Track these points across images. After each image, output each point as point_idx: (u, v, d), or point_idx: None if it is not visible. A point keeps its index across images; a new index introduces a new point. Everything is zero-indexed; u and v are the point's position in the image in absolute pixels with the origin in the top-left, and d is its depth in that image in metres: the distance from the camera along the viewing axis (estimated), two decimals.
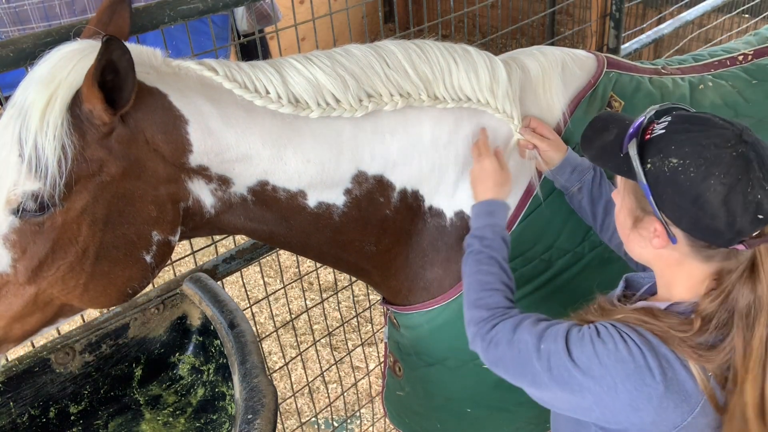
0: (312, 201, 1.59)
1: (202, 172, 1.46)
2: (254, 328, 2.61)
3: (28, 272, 1.36)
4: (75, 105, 1.31)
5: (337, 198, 1.62)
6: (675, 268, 1.33)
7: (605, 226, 1.72)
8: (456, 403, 1.96)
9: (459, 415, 1.97)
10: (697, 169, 1.22)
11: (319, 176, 1.57)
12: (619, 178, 1.41)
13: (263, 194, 1.54)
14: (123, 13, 1.55)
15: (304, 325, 3.98)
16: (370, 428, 3.37)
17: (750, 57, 2.23)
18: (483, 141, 1.69)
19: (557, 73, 1.82)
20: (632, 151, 1.29)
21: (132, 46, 1.43)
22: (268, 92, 1.49)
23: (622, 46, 3.88)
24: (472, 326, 1.50)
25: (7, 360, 1.83)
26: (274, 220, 1.59)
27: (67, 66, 1.32)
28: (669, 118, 1.31)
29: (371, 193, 1.64)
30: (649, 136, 1.30)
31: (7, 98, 1.42)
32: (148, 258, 1.46)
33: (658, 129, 1.30)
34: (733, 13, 5.10)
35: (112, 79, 1.29)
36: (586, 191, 1.72)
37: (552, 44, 4.49)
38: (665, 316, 1.31)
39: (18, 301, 1.39)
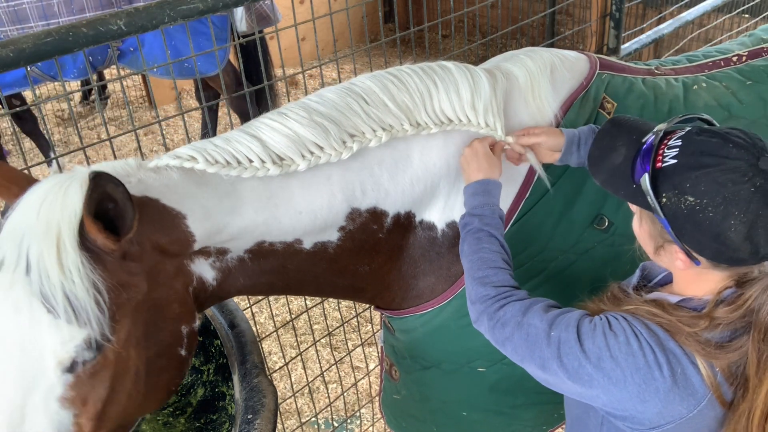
0: (308, 244, 1.59)
1: (203, 251, 1.45)
2: (254, 328, 2.60)
3: (92, 422, 1.31)
4: (84, 240, 1.24)
5: (331, 236, 1.62)
6: (695, 277, 1.34)
7: None
8: (452, 406, 1.95)
9: (455, 419, 1.96)
10: (716, 208, 1.20)
11: (313, 224, 1.56)
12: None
13: (260, 251, 1.54)
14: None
15: (304, 325, 3.98)
16: (370, 428, 3.37)
17: (744, 58, 2.22)
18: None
19: (546, 77, 1.81)
20: (646, 185, 1.27)
21: (104, 164, 1.39)
22: (251, 161, 1.47)
23: (622, 46, 3.88)
24: (478, 304, 1.49)
25: None
26: (272, 269, 1.58)
27: (55, 206, 1.24)
28: (679, 143, 1.28)
29: (365, 225, 1.65)
30: (660, 164, 1.28)
31: (7, 98, 1.41)
32: (183, 352, 1.43)
33: (669, 157, 1.27)
34: (733, 13, 5.10)
35: (113, 207, 1.24)
36: None
37: (552, 44, 4.49)
38: (675, 310, 1.32)
39: None
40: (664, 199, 1.26)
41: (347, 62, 6.71)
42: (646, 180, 1.27)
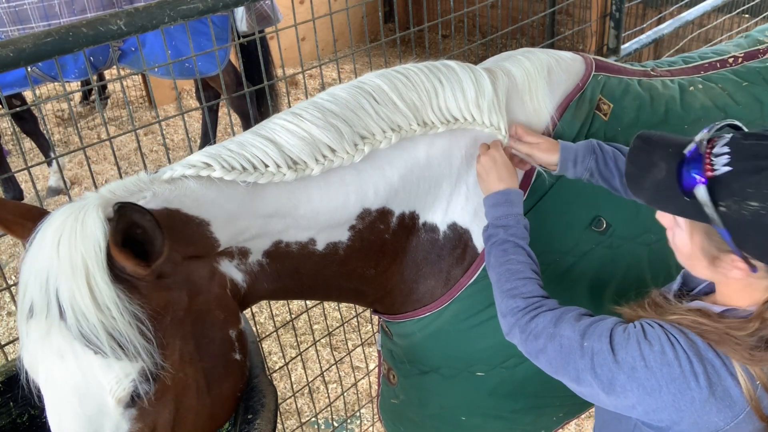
0: (321, 245, 1.60)
1: (226, 252, 1.45)
2: (254, 328, 2.60)
3: None
4: (113, 270, 1.20)
5: (342, 235, 1.62)
6: (741, 286, 1.30)
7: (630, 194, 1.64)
8: (450, 411, 1.95)
9: (454, 424, 1.96)
10: None
11: (328, 224, 1.57)
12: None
13: (277, 252, 1.54)
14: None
15: (304, 325, 3.98)
16: (370, 428, 3.37)
17: (740, 59, 2.21)
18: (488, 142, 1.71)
19: (543, 78, 1.81)
20: (703, 197, 1.21)
21: (115, 183, 1.36)
22: (267, 166, 1.46)
23: (622, 46, 3.88)
24: (509, 317, 1.46)
25: (7, 360, 1.83)
26: (288, 273, 1.58)
27: (75, 240, 1.19)
28: (727, 149, 1.23)
29: (373, 224, 1.65)
30: (711, 173, 1.22)
31: (7, 98, 1.41)
32: (238, 356, 1.42)
33: (721, 164, 1.22)
34: (733, 13, 5.11)
35: (141, 232, 1.20)
36: (597, 175, 1.70)
37: (552, 44, 4.49)
38: (722, 318, 1.29)
39: None
40: (723, 209, 1.21)
41: (347, 62, 6.71)
42: (702, 191, 1.22)
